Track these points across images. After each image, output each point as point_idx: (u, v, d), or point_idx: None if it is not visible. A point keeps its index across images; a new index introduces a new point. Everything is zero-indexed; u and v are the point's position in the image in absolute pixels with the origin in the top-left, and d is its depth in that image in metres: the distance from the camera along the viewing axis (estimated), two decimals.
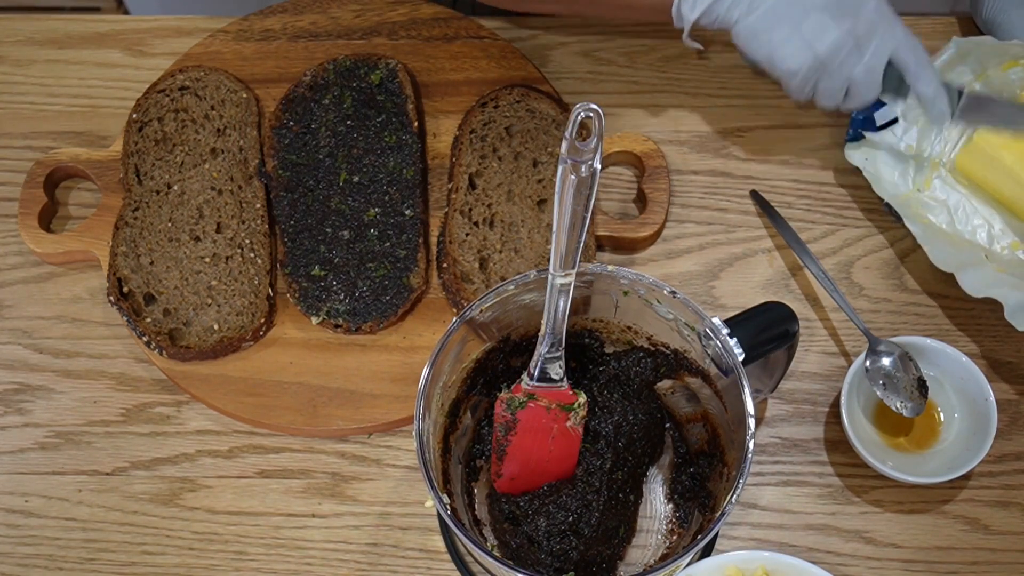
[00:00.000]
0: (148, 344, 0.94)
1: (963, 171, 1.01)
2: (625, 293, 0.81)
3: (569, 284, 0.74)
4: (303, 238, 0.98)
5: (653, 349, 0.85)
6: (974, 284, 0.93)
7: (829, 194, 1.03)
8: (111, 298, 0.95)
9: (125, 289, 0.96)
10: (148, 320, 0.95)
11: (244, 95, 1.04)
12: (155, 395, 0.96)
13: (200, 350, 0.94)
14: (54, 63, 1.10)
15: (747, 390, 0.75)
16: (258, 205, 1.00)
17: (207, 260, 0.97)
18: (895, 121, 1.01)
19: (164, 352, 0.94)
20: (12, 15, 1.13)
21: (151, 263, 0.97)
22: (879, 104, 1.00)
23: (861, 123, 1.01)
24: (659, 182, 1.01)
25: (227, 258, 0.97)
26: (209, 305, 0.96)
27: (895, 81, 0.92)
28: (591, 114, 0.67)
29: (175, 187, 1.00)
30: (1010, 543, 0.90)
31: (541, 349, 0.78)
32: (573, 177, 0.69)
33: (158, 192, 1.00)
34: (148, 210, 0.99)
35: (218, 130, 1.03)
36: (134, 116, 1.03)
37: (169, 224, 0.98)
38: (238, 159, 1.02)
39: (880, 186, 0.98)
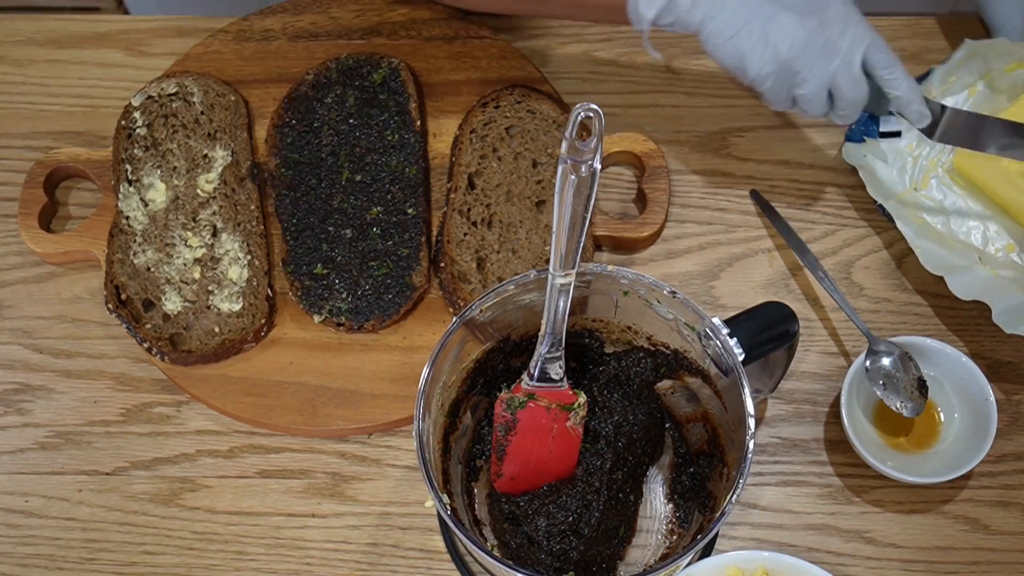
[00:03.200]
0: (149, 350, 0.94)
1: (961, 171, 1.01)
2: (625, 293, 0.81)
3: (569, 284, 0.74)
4: (305, 236, 0.98)
5: (653, 349, 0.85)
6: (963, 287, 0.92)
7: (829, 194, 1.03)
8: (109, 306, 0.95)
9: (123, 296, 0.96)
10: (148, 326, 0.95)
11: (232, 98, 1.04)
12: (155, 395, 0.96)
13: (202, 354, 0.94)
14: (54, 63, 1.10)
15: (747, 390, 0.75)
16: (252, 207, 1.00)
17: (206, 264, 0.97)
18: (898, 134, 1.01)
19: (166, 357, 0.94)
20: (12, 15, 1.13)
21: (148, 269, 0.97)
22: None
23: (864, 127, 1.00)
24: (659, 182, 1.01)
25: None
26: (209, 308, 0.96)
27: (874, 92, 0.88)
28: (591, 114, 0.67)
29: (168, 192, 1.00)
30: (1010, 543, 0.90)
31: (541, 349, 0.78)
32: (573, 177, 0.69)
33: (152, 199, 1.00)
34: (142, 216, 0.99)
35: (209, 134, 1.02)
36: (122, 123, 1.03)
37: (164, 229, 0.98)
38: (230, 162, 1.01)
39: (876, 184, 0.98)
